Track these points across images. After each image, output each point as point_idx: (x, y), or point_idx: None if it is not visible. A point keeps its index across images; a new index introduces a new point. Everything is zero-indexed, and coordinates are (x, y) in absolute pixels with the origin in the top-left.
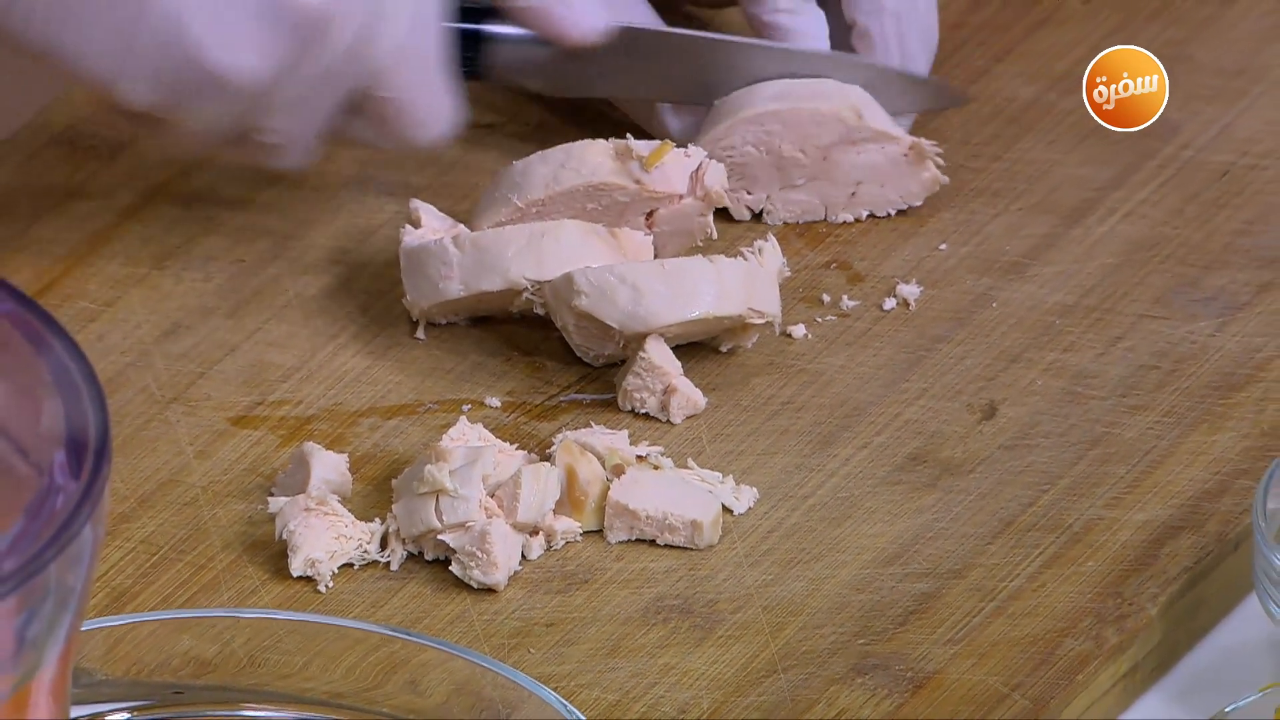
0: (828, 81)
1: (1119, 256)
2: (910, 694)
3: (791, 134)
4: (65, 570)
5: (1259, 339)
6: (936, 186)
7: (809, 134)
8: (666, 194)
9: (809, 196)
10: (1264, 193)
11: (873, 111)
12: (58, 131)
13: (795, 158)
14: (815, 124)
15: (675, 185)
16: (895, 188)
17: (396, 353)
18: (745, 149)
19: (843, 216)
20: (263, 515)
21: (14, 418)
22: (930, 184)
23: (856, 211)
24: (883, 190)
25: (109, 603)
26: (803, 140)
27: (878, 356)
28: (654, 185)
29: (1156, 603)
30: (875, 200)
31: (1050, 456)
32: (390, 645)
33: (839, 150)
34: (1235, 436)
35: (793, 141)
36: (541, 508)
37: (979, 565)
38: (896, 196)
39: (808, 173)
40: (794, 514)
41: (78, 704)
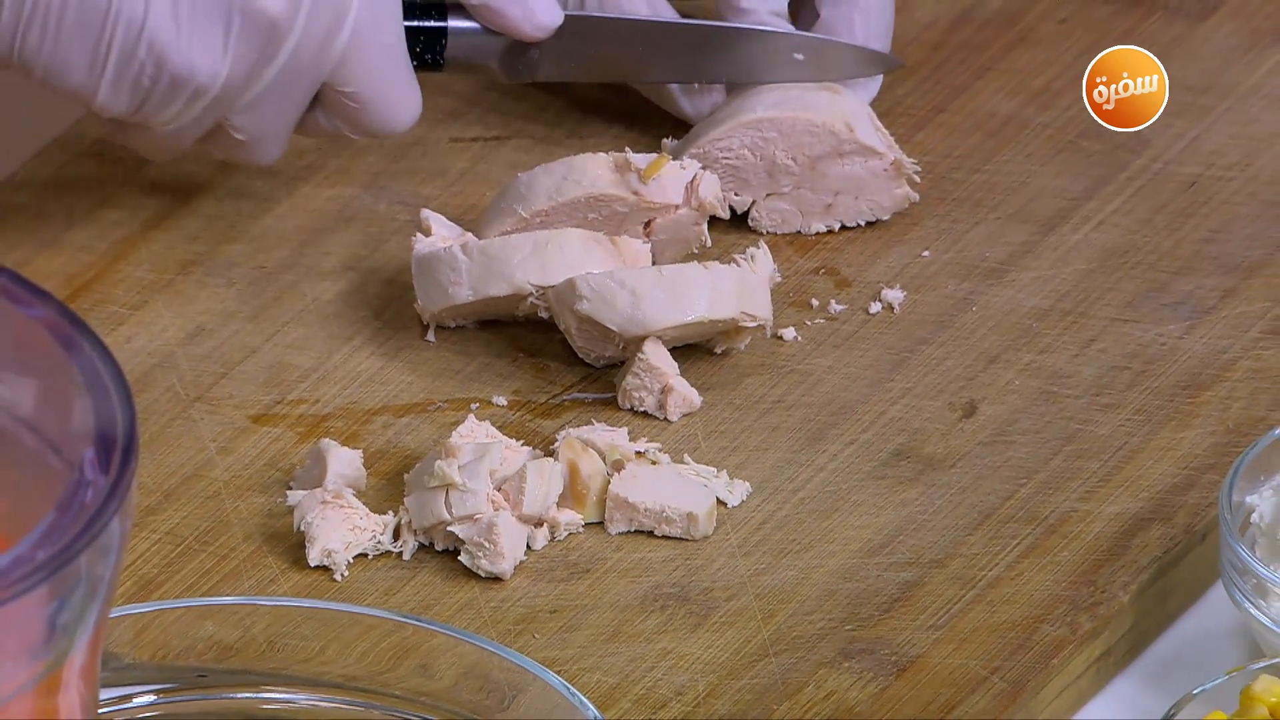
0: (822, 94)
1: (1092, 263)
2: (894, 677)
3: (786, 141)
4: (94, 560)
5: (1224, 341)
6: (907, 203)
7: (802, 143)
8: (663, 204)
9: (790, 205)
10: (1229, 203)
11: (863, 126)
12: (88, 145)
13: (786, 165)
14: (809, 133)
15: (671, 196)
16: (868, 200)
17: (408, 354)
18: (741, 152)
19: (816, 227)
20: (281, 508)
21: (46, 416)
22: (901, 200)
23: (830, 222)
24: (856, 202)
25: (136, 591)
26: (795, 149)
27: (864, 358)
28: (651, 196)
29: (1128, 590)
30: (848, 212)
31: (1027, 452)
32: (402, 631)
33: (826, 161)
34: (1202, 433)
35: (786, 149)
36: (545, 501)
37: (960, 555)
38: (867, 209)
39: (795, 180)
40: (785, 507)
41: (107, 686)
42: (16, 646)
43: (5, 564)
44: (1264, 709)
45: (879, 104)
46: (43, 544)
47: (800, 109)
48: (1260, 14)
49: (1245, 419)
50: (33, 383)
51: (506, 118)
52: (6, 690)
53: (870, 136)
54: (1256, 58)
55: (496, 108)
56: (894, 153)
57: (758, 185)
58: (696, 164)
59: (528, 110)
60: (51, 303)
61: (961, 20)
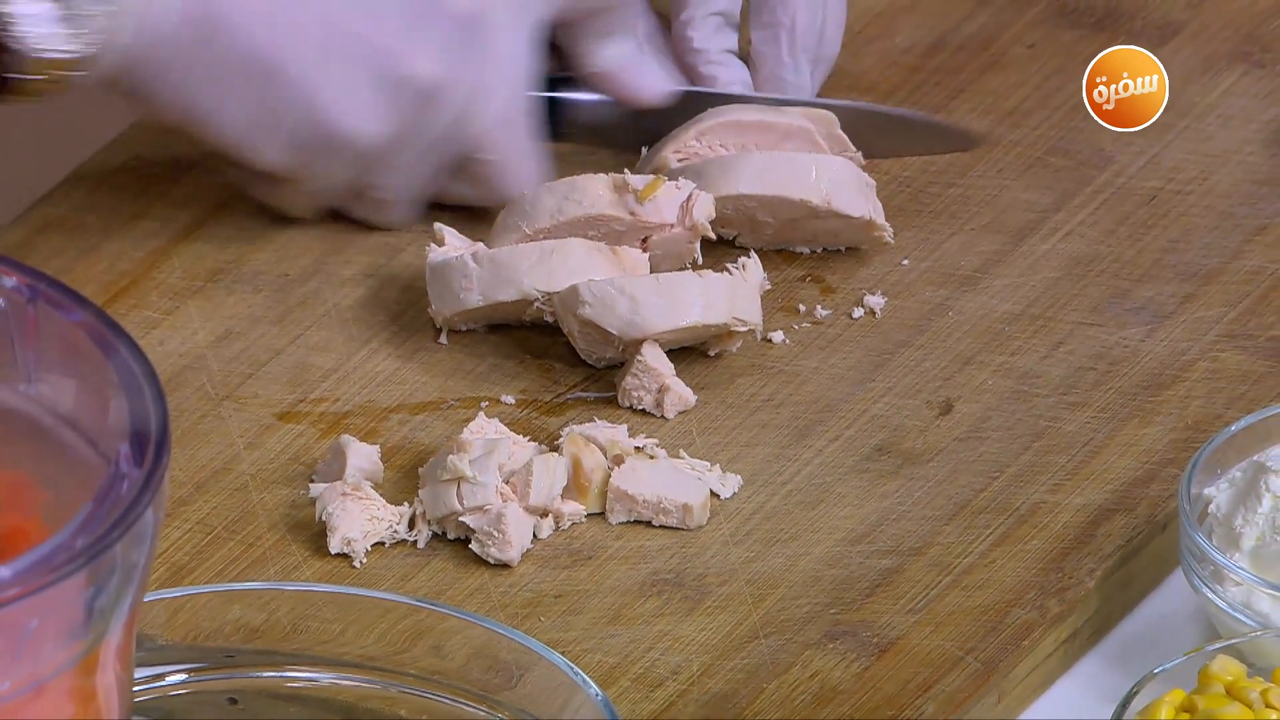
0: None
1: (1060, 271)
2: (876, 657)
3: (765, 209)
4: (129, 548)
5: (1183, 344)
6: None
7: (780, 209)
8: (658, 224)
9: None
10: (1187, 215)
11: (842, 197)
12: (124, 161)
13: (766, 220)
14: (787, 206)
15: (666, 216)
16: (847, 241)
17: (422, 356)
18: (724, 211)
19: (800, 249)
20: (304, 499)
21: (85, 413)
22: (877, 241)
23: (813, 247)
24: (836, 238)
25: (168, 576)
26: (774, 212)
27: (847, 359)
28: (647, 216)
29: (1093, 576)
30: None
31: (1000, 448)
32: (417, 614)
33: (804, 220)
34: (1163, 430)
35: (765, 213)
36: (550, 493)
37: (937, 544)
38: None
39: (775, 229)
40: (773, 498)
41: (141, 666)
42: (57, 628)
43: (47, 551)
44: (1220, 687)
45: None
46: (81, 533)
47: (781, 188)
48: (1217, 39)
49: (1203, 416)
50: (72, 383)
51: None
52: (48, 669)
53: (848, 202)
54: (1213, 80)
55: None
56: (871, 214)
57: (739, 227)
58: (691, 184)
59: None
60: (90, 308)
61: (937, 46)
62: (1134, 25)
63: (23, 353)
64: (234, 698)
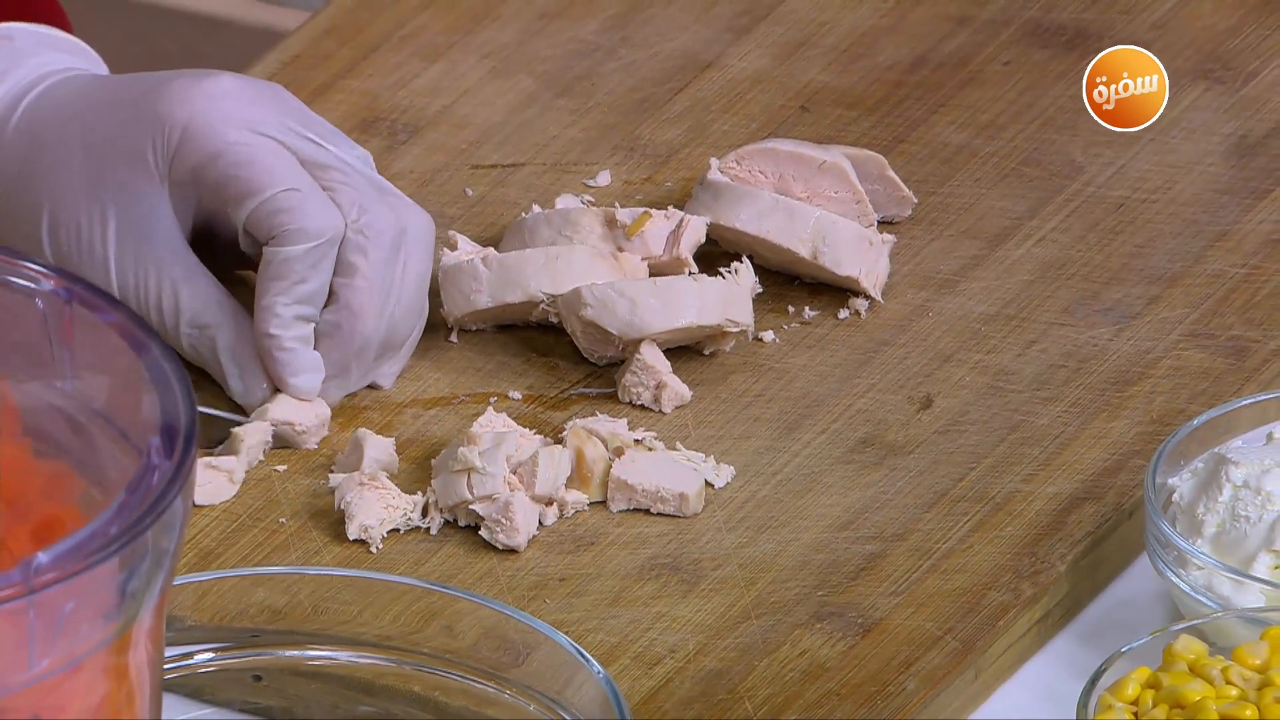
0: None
1: (1033, 274)
2: (860, 637)
3: (759, 245)
4: (160, 535)
5: (1149, 343)
6: None
7: (771, 250)
8: (645, 257)
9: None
10: (1153, 222)
11: (832, 255)
12: None
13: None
14: (777, 250)
15: (654, 249)
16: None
17: (435, 354)
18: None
19: None
20: (324, 489)
21: (118, 408)
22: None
23: None
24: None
25: (197, 561)
26: (767, 251)
27: (834, 357)
28: (635, 251)
29: (1065, 561)
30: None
31: (977, 440)
32: (430, 597)
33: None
34: (1129, 424)
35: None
36: (555, 482)
37: (918, 530)
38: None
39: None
40: (764, 488)
41: (170, 645)
42: (92, 610)
43: (83, 538)
44: (1184, 665)
45: (847, 137)
46: (115, 520)
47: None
48: (1180, 57)
49: (1167, 411)
50: (106, 380)
51: (521, 147)
52: (83, 648)
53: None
54: (1176, 95)
55: (511, 139)
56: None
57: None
58: (679, 213)
59: (539, 141)
60: (122, 309)
61: (918, 63)
62: (1102, 44)
63: (60, 351)
64: (258, 675)
